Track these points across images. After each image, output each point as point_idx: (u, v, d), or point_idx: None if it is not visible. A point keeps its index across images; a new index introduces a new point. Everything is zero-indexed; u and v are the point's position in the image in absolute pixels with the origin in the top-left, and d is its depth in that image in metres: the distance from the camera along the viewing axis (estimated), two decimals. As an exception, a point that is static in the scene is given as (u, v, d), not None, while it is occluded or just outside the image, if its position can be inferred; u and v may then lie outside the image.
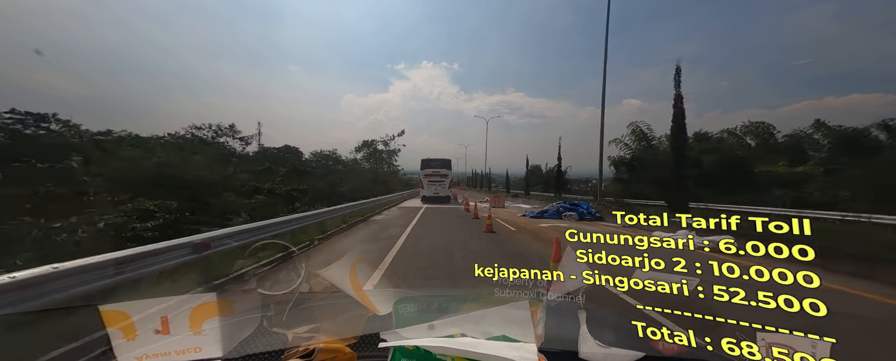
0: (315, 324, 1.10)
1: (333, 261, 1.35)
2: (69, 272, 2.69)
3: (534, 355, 0.80)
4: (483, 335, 0.91)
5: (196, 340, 0.98)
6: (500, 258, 6.50)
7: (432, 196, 22.19)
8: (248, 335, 1.07)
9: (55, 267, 2.60)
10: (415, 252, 6.63)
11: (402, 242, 7.68)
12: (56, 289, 2.61)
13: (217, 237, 4.61)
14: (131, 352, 0.89)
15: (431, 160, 23.68)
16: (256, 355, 0.94)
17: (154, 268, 3.58)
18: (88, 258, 2.92)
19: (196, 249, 4.14)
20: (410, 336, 0.92)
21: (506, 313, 1.06)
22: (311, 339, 0.97)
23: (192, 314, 1.04)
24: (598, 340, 1.00)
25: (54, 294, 2.58)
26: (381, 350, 0.87)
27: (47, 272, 2.54)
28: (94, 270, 2.94)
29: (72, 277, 2.73)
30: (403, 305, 1.47)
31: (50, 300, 2.55)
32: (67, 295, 2.66)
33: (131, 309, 0.96)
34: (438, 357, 0.81)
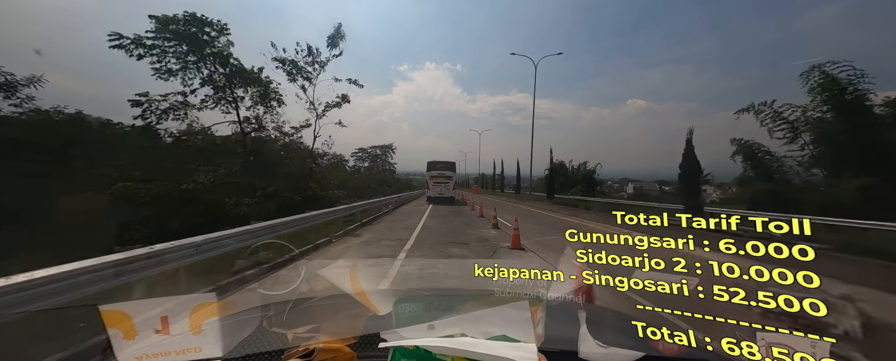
0: (315, 324, 1.10)
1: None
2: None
3: (534, 355, 0.80)
4: (483, 335, 0.91)
5: (196, 340, 0.98)
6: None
7: (437, 196, 23.37)
8: (248, 335, 1.07)
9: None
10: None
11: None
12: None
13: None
14: (131, 352, 0.90)
15: (437, 163, 24.66)
16: (256, 355, 0.95)
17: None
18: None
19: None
20: (410, 336, 0.92)
21: (506, 313, 1.06)
22: (311, 339, 0.97)
23: (192, 314, 1.04)
24: (598, 340, 1.00)
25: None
26: (381, 350, 0.87)
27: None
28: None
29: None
30: (403, 305, 1.47)
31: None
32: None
33: (131, 309, 0.96)
34: (438, 357, 0.81)
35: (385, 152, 43.96)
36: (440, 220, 12.83)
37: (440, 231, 9.97)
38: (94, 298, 2.83)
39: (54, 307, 2.58)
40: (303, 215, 8.02)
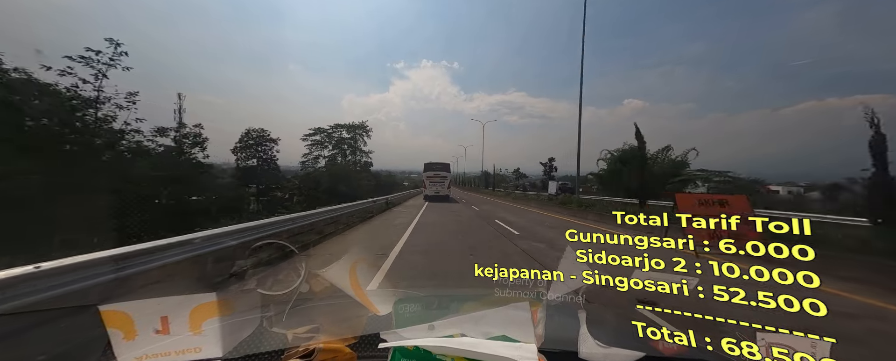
0: (315, 324, 1.10)
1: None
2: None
3: (534, 355, 0.80)
4: (483, 335, 0.91)
5: (196, 340, 0.98)
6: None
7: (434, 195, 25.06)
8: (248, 335, 1.07)
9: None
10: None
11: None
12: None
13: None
14: (131, 352, 0.90)
15: (433, 164, 26.31)
16: (256, 355, 0.95)
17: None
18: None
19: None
20: (410, 336, 0.92)
21: (506, 313, 1.06)
22: (311, 339, 0.97)
23: (192, 314, 1.04)
24: (598, 340, 1.00)
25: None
26: (381, 350, 0.87)
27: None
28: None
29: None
30: (403, 305, 1.47)
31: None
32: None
33: (131, 309, 0.96)
34: (438, 357, 0.81)
35: (355, 136, 31.22)
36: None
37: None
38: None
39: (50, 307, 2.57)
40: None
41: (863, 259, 6.98)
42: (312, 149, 31.79)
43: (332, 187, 22.33)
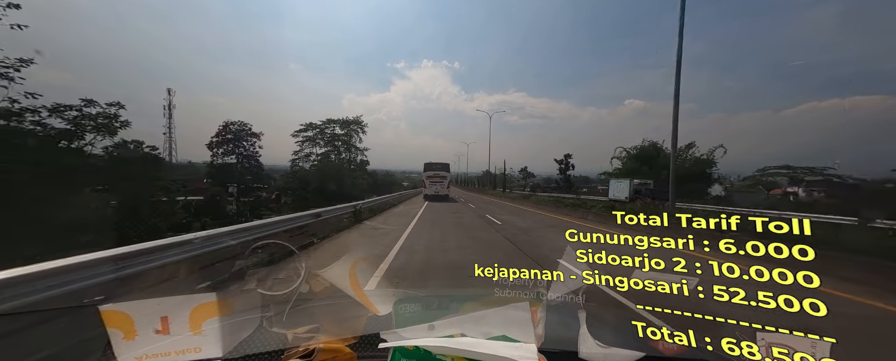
0: (315, 324, 1.10)
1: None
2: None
3: (534, 355, 0.80)
4: (483, 335, 0.91)
5: (196, 340, 0.98)
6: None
7: (434, 194, 25.35)
8: (248, 335, 1.07)
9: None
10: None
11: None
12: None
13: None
14: (131, 352, 0.89)
15: (433, 164, 26.64)
16: (256, 355, 0.94)
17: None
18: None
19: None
20: (410, 336, 0.92)
21: (506, 313, 1.06)
22: (311, 339, 0.97)
23: (192, 314, 1.04)
24: (598, 340, 1.00)
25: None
26: (381, 350, 0.87)
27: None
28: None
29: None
30: (403, 305, 1.47)
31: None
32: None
33: (131, 309, 0.95)
34: (438, 357, 0.81)
35: (349, 132, 28.88)
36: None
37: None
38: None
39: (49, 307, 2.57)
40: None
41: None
42: (303, 146, 29.64)
43: (322, 186, 20.52)
